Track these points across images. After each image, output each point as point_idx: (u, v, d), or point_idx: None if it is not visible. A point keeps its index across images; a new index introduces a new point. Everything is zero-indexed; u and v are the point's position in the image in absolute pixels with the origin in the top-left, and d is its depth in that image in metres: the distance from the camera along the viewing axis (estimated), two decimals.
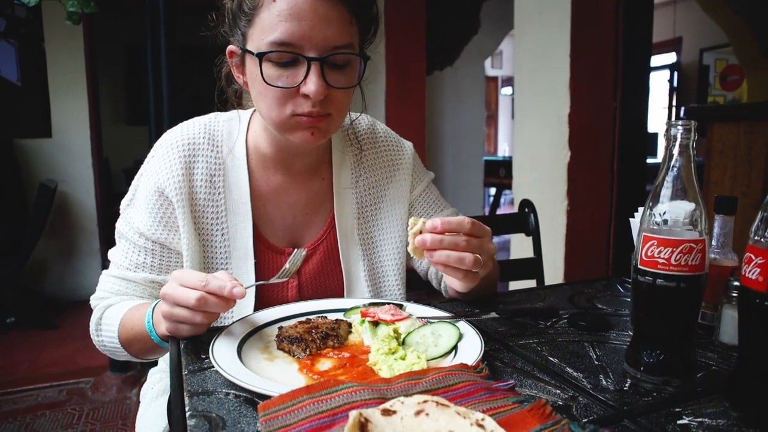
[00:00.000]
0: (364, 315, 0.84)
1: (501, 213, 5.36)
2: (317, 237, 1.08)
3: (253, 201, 1.03)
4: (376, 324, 0.82)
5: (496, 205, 6.70)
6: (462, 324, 0.82)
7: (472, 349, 0.74)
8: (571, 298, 1.08)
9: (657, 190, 0.69)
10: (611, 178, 2.43)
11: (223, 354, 0.73)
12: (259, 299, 1.02)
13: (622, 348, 0.82)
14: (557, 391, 0.67)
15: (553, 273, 2.40)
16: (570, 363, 0.76)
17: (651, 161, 3.71)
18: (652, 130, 3.28)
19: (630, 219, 0.97)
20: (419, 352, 0.73)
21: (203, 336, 0.82)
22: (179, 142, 1.00)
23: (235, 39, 0.92)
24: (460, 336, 0.77)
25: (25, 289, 3.83)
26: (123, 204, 1.05)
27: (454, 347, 0.76)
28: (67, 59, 3.84)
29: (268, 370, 0.72)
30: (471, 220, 0.84)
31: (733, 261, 0.88)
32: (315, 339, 0.78)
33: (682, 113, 7.20)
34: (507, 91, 10.66)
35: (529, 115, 2.59)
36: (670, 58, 7.63)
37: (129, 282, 1.01)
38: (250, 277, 1.01)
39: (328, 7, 0.83)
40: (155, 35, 2.26)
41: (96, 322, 1.00)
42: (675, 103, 7.67)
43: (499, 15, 4.83)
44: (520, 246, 2.60)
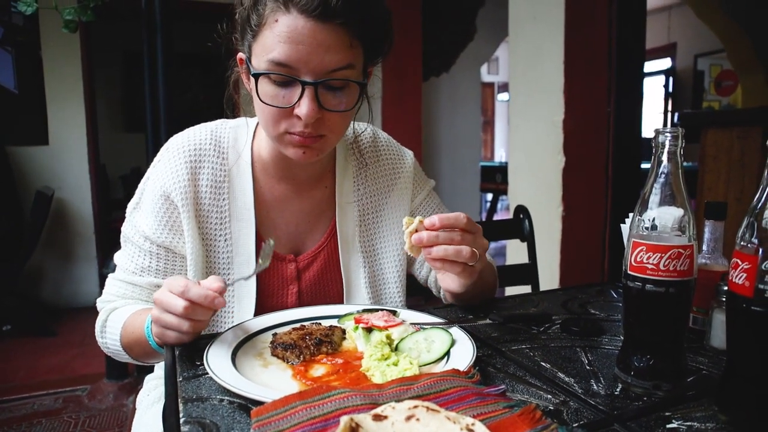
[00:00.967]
0: (357, 321, 0.84)
1: (497, 219, 5.36)
2: (318, 244, 1.09)
3: (256, 208, 1.04)
4: (369, 330, 0.82)
5: (493, 211, 6.70)
6: (455, 330, 0.83)
7: (464, 355, 0.74)
8: (564, 304, 1.09)
9: (646, 196, 0.70)
10: (606, 184, 2.44)
11: (217, 360, 0.73)
12: (260, 306, 1.03)
13: (613, 353, 0.82)
14: (548, 396, 0.68)
15: (549, 278, 2.41)
16: (562, 368, 0.77)
17: (645, 166, 3.71)
18: (647, 135, 3.30)
19: (621, 225, 0.98)
20: (411, 358, 0.74)
21: (198, 343, 0.82)
22: (185, 147, 1.02)
23: (244, 48, 0.94)
24: (453, 342, 0.78)
25: (22, 295, 3.82)
26: (129, 207, 1.06)
27: (447, 353, 0.76)
28: (64, 67, 3.86)
29: (262, 377, 0.73)
30: (466, 215, 0.86)
31: (723, 266, 0.88)
32: (309, 345, 0.79)
33: (676, 119, 7.24)
34: (503, 97, 10.68)
35: (524, 120, 2.61)
36: (665, 64, 7.68)
37: (134, 286, 1.03)
38: (252, 283, 1.02)
39: (327, 33, 0.83)
40: (152, 42, 2.26)
41: (101, 325, 1.03)
42: (670, 108, 7.71)
43: (495, 21, 4.86)
44: (515, 252, 2.60)
